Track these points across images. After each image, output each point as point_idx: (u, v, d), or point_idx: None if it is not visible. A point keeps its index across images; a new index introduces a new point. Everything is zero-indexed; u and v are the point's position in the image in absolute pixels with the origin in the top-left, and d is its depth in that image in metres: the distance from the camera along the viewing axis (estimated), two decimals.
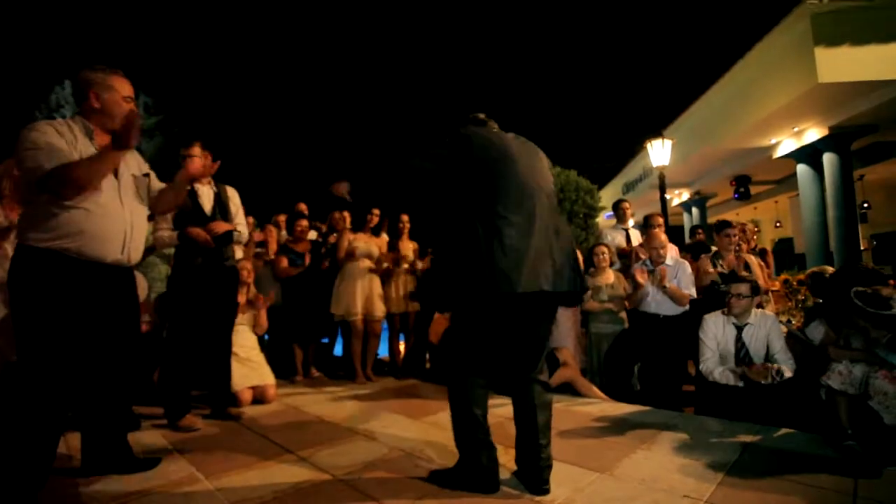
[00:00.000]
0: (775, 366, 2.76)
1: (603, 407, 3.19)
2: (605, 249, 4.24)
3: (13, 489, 1.67)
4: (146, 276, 3.50)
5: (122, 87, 1.99)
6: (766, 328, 3.01)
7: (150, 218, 2.43)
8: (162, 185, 2.25)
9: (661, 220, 4.53)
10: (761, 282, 3.55)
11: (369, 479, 1.99)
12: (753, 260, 3.97)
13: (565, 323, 4.20)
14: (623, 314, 4.09)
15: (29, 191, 1.82)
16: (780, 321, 3.31)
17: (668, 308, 3.61)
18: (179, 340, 2.86)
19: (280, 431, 2.66)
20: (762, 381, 2.71)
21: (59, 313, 1.78)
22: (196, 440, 2.53)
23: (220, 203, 3.03)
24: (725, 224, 3.96)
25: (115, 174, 1.96)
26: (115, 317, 2.00)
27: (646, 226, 4.47)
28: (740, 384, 2.85)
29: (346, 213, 4.60)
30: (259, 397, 3.34)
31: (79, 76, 1.96)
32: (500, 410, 2.51)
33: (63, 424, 1.90)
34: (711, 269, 3.75)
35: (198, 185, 2.94)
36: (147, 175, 2.16)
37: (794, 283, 4.99)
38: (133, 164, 2.09)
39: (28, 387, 1.73)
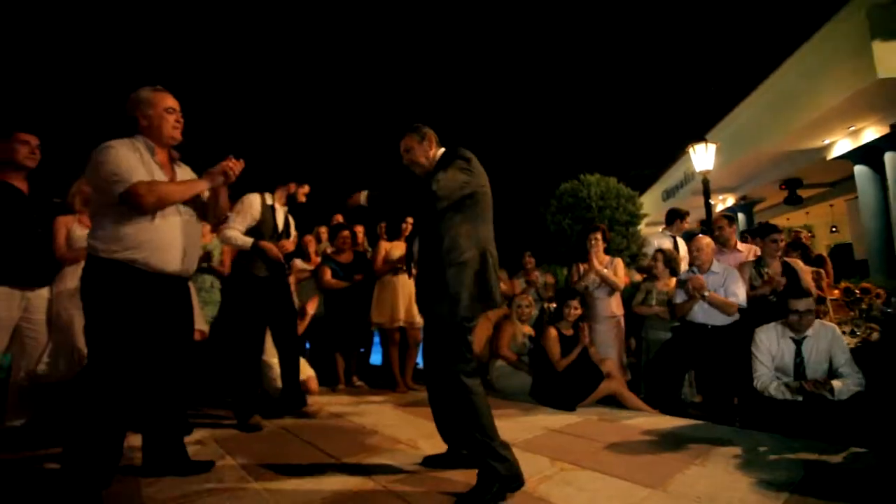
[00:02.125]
0: (835, 383, 2.61)
1: (651, 420, 3.08)
2: (660, 256, 4.15)
3: (81, 487, 1.78)
4: (193, 286, 3.65)
5: (162, 101, 2.07)
6: (827, 340, 2.82)
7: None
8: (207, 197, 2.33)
9: (722, 223, 4.19)
10: (812, 290, 3.30)
11: (413, 487, 1.99)
12: (802, 266, 3.64)
13: (608, 333, 4.10)
14: None
15: (101, 204, 1.94)
16: (844, 332, 3.10)
17: (716, 318, 3.46)
18: (245, 346, 3.06)
19: (325, 439, 2.71)
20: (827, 396, 2.56)
21: (126, 321, 1.89)
22: (245, 446, 2.62)
23: (286, 222, 3.31)
24: (771, 228, 3.61)
25: None
26: (174, 325, 2.11)
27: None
28: (798, 398, 2.69)
29: (357, 228, 4.71)
30: (303, 389, 3.46)
31: (127, 103, 2.07)
32: None
33: (127, 426, 2.01)
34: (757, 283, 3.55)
35: (276, 205, 3.23)
36: None
37: (857, 292, 4.61)
38: (187, 177, 2.20)
39: (97, 390, 1.84)
